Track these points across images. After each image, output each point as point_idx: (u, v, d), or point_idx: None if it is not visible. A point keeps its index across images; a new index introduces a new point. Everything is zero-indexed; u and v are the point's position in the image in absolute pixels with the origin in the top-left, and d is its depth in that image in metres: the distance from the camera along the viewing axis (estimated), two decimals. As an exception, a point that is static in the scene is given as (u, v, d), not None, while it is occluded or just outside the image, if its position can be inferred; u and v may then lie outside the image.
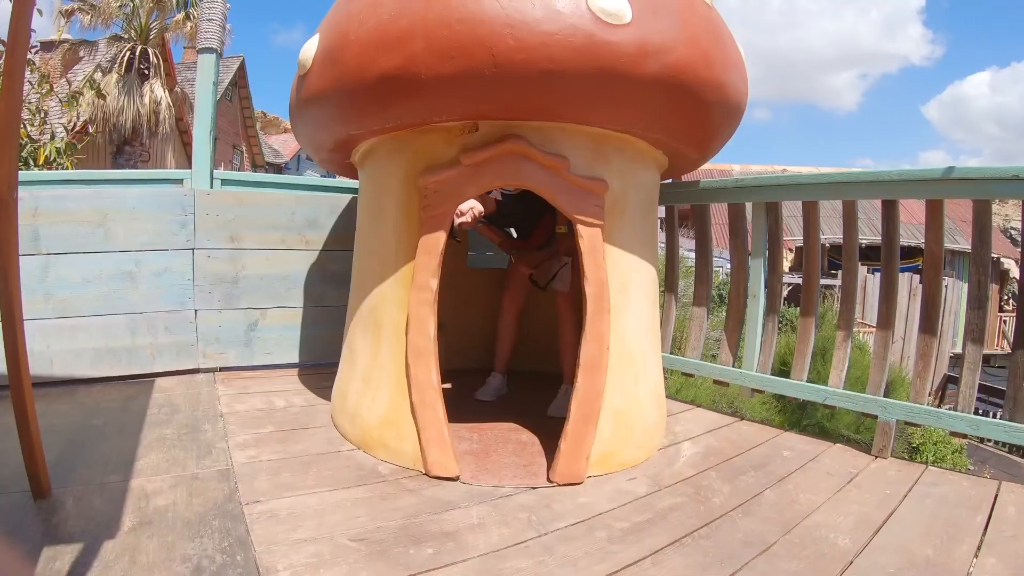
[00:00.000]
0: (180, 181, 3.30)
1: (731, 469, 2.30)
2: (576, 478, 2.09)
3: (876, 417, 2.50)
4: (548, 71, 1.82)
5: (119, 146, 16.04)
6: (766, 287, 2.94)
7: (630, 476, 2.19)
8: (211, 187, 3.30)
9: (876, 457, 2.45)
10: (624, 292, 2.23)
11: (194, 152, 3.35)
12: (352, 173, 2.82)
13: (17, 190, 1.67)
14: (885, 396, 2.52)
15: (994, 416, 2.38)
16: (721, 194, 3.02)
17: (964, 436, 2.35)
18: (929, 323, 2.46)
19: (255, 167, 26.71)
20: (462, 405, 2.76)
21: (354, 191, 3.34)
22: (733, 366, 3.02)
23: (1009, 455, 7.66)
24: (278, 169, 29.29)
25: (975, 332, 2.39)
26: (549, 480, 2.09)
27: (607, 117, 2.09)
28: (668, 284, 3.33)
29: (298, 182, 3.69)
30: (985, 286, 2.36)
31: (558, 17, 1.81)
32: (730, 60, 2.18)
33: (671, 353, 3.26)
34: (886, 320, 2.56)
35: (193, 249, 3.19)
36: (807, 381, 2.76)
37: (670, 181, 3.09)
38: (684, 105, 2.08)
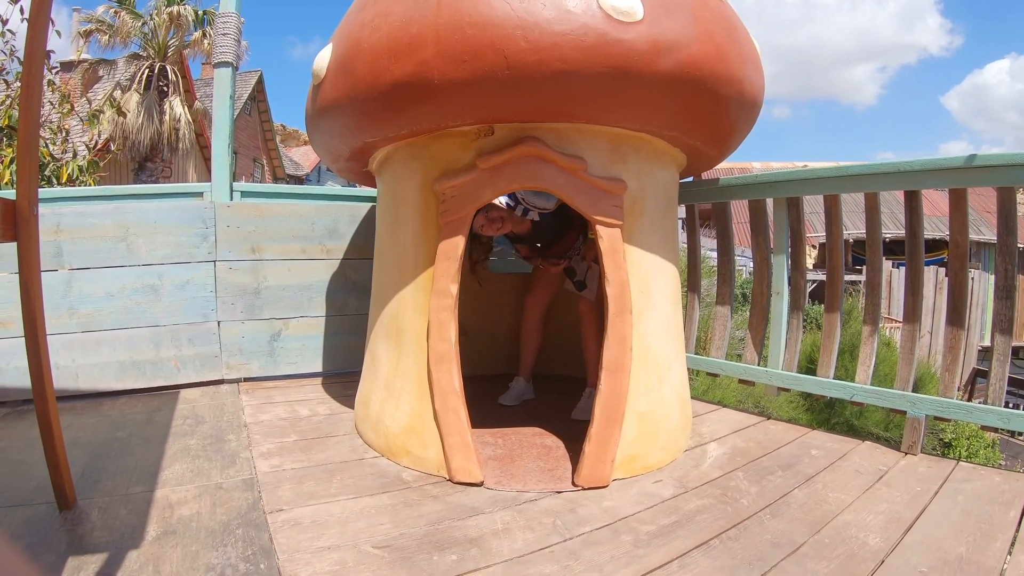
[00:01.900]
0: (200, 194, 3.34)
1: (758, 469, 2.27)
2: (601, 481, 2.07)
3: (905, 413, 2.45)
4: (561, 72, 1.81)
5: (141, 163, 16.25)
6: (790, 284, 2.90)
7: (656, 478, 2.16)
8: (231, 199, 3.33)
9: (906, 454, 2.41)
10: (646, 293, 2.21)
11: (213, 165, 3.38)
12: (371, 181, 2.83)
13: (38, 206, 1.69)
14: (914, 391, 2.47)
15: (1025, 409, 2.33)
16: (741, 191, 2.98)
17: (995, 430, 2.30)
18: (956, 315, 2.42)
19: (276, 180, 26.94)
20: (486, 410, 2.75)
21: (373, 199, 3.34)
22: (758, 365, 2.98)
23: (1042, 449, 7.53)
24: (299, 181, 29.55)
25: (1003, 323, 2.33)
26: (574, 484, 2.07)
27: (623, 116, 2.07)
28: (690, 284, 3.30)
29: (317, 192, 3.70)
30: (1012, 276, 2.31)
31: (569, 17, 1.80)
32: (745, 54, 2.15)
33: (695, 353, 3.24)
34: (912, 314, 2.51)
35: (215, 261, 3.22)
36: (834, 378, 2.72)
37: (690, 180, 3.07)
38: (700, 101, 2.05)
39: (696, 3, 1.99)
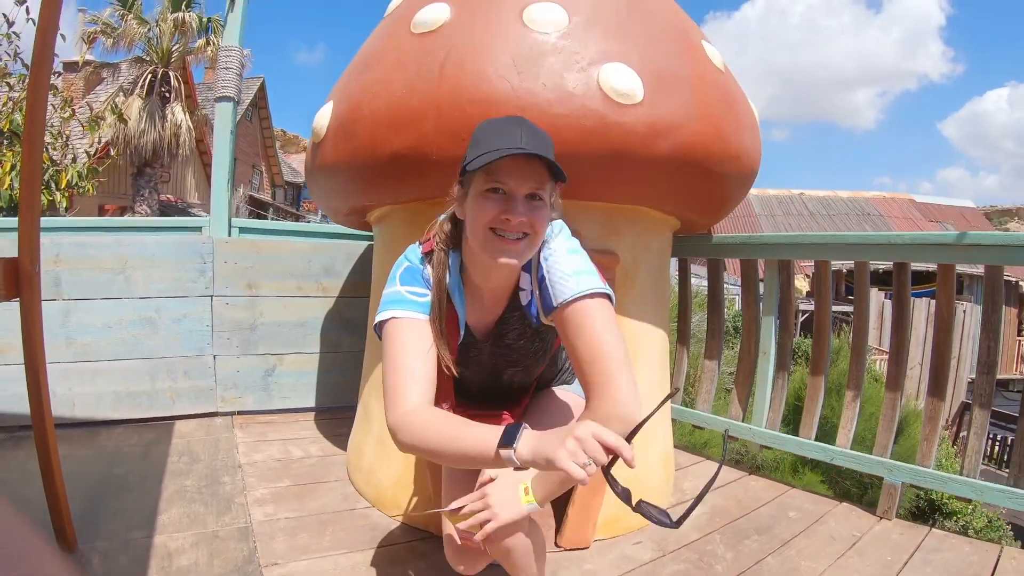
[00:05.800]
0: (199, 229, 3.38)
1: (735, 532, 2.32)
2: (582, 544, 2.12)
3: (883, 479, 2.51)
4: (559, 154, 1.85)
5: (140, 168, 16.26)
6: (777, 344, 2.96)
7: (635, 540, 2.21)
8: (229, 235, 3.38)
9: (881, 518, 2.46)
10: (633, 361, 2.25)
11: (212, 201, 3.43)
12: (369, 227, 2.87)
13: (40, 262, 1.71)
14: (896, 434, 2.50)
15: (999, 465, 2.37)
16: (734, 250, 3.04)
17: (968, 501, 2.35)
18: (937, 386, 2.46)
19: (274, 186, 26.95)
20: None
21: (370, 238, 3.38)
22: (743, 420, 3.04)
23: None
24: (297, 188, 29.54)
25: (983, 396, 2.38)
26: (556, 544, 2.12)
27: (619, 194, 2.12)
28: (680, 336, 3.35)
29: (315, 230, 3.75)
30: (995, 352, 2.35)
31: (570, 99, 1.85)
32: (743, 125, 2.20)
33: (682, 405, 3.29)
34: (895, 382, 2.56)
35: (212, 296, 3.27)
36: (820, 419, 2.78)
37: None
38: (696, 180, 2.11)
39: (695, 80, 2.04)
